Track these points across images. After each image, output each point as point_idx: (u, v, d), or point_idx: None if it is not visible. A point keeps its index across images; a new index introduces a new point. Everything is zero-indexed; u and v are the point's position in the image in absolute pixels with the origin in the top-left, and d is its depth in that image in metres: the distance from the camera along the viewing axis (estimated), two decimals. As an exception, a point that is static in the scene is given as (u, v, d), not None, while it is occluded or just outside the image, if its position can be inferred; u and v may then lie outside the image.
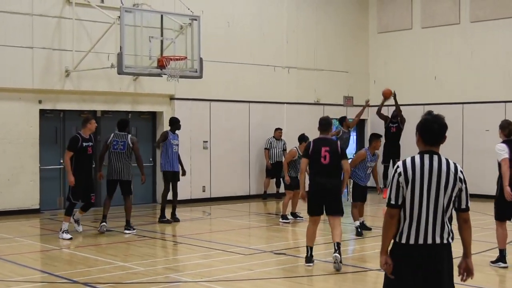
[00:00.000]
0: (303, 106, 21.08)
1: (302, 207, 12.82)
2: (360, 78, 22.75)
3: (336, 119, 19.17)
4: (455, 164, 5.31)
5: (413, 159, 5.19)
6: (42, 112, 16.40)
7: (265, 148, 19.32)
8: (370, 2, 22.91)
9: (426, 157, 5.22)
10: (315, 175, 10.15)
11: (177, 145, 14.72)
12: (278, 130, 19.35)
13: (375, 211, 17.19)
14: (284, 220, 14.61)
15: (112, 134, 13.73)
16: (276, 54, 20.44)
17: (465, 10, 20.46)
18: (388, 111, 19.66)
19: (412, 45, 21.79)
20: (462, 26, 20.55)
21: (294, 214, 15.00)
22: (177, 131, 14.88)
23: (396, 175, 5.16)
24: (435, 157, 5.25)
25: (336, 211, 10.10)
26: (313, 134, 21.15)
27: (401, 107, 21.14)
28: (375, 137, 13.32)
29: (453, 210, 5.21)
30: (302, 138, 14.70)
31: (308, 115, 21.00)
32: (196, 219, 15.67)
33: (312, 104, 21.34)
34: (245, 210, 17.44)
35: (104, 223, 13.32)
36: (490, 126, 19.68)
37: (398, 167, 5.16)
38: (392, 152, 18.47)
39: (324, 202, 10.04)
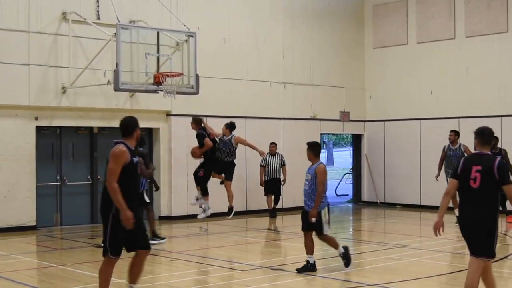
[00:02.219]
0: (299, 121, 21.10)
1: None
2: (356, 93, 22.80)
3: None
4: None
5: None
6: (39, 128, 16.40)
7: (260, 165, 19.16)
8: (366, 18, 23.01)
9: None
10: (461, 204, 7.70)
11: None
12: (272, 145, 19.16)
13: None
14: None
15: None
16: (272, 69, 20.49)
17: (460, 25, 20.56)
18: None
19: (408, 60, 21.87)
20: (457, 41, 20.64)
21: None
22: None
23: None
24: None
25: (479, 251, 7.50)
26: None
27: (398, 122, 21.43)
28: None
29: None
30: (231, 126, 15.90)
31: (305, 131, 21.03)
32: (193, 235, 15.63)
33: (308, 119, 21.37)
34: (242, 226, 17.40)
35: None
36: (486, 141, 19.72)
37: None
38: None
39: (470, 240, 7.59)
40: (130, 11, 17.18)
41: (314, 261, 10.64)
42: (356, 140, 23.55)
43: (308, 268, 10.57)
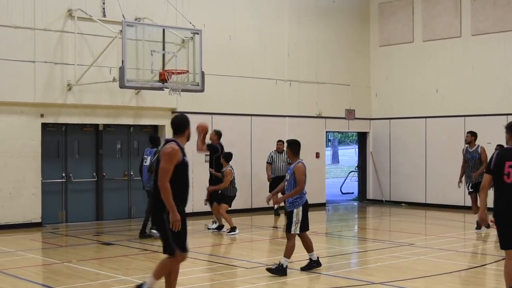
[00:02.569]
0: (304, 119, 21.08)
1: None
2: (362, 91, 22.77)
3: None
4: None
5: None
6: (44, 126, 16.42)
7: (267, 162, 19.08)
8: (372, 15, 22.97)
9: None
10: (497, 198, 7.90)
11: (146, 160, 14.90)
12: (280, 143, 18.96)
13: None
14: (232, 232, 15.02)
15: (154, 150, 14.33)
16: (277, 67, 20.47)
17: (466, 24, 20.52)
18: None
19: (414, 58, 21.83)
20: (463, 39, 20.59)
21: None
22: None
23: None
24: None
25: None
26: (315, 147, 21.29)
27: (403, 120, 21.40)
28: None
29: None
30: (226, 156, 15.28)
31: (310, 128, 21.03)
32: (198, 233, 15.64)
33: (313, 117, 21.35)
34: (247, 223, 17.40)
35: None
36: (492, 139, 19.71)
37: None
38: None
39: (504, 234, 7.87)
40: (135, 8, 17.18)
41: (318, 257, 10.62)
42: (362, 138, 23.53)
43: (312, 265, 10.55)
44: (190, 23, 16.38)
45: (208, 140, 14.92)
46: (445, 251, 12.56)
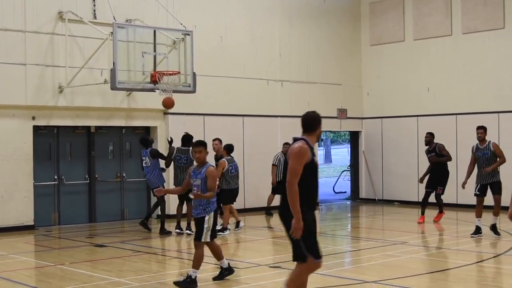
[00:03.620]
0: (296, 119, 20.88)
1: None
2: (353, 90, 22.81)
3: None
4: None
5: None
6: (36, 128, 16.39)
7: (273, 164, 18.66)
8: (363, 15, 23.01)
9: None
10: None
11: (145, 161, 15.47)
12: (286, 146, 18.36)
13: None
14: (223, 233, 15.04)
15: (176, 149, 15.07)
16: (269, 67, 20.48)
17: (457, 22, 20.57)
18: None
19: (405, 57, 21.88)
20: (454, 37, 20.64)
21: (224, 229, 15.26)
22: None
23: None
24: None
25: None
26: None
27: (395, 119, 21.44)
28: None
29: None
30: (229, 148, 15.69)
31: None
32: (191, 234, 15.63)
33: (305, 117, 21.31)
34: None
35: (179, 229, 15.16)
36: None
37: None
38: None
39: None
40: (126, 10, 17.17)
41: (229, 264, 10.13)
42: (354, 137, 23.57)
43: (224, 273, 10.01)
44: (181, 24, 16.38)
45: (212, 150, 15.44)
46: (438, 249, 12.60)
